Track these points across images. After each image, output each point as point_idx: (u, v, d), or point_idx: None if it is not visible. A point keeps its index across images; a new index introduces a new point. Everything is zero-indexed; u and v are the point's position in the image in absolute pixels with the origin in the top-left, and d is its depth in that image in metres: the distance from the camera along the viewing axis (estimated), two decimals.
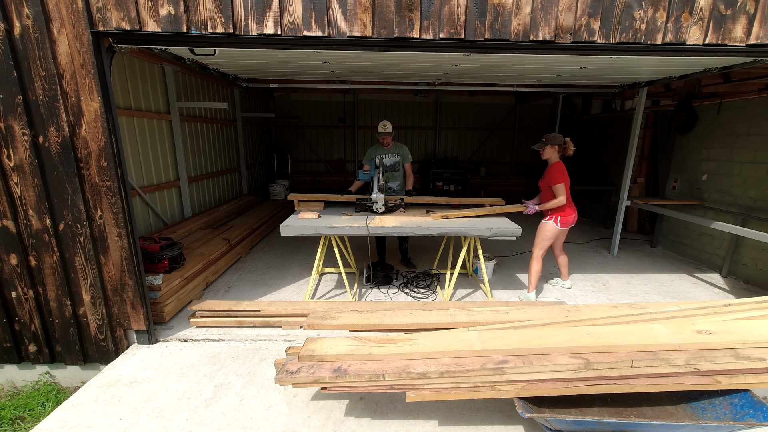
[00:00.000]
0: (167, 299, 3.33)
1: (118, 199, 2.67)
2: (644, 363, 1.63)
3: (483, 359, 1.71)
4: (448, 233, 3.46)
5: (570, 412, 1.98)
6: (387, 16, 2.46)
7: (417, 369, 1.70)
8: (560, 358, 1.68)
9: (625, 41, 2.52)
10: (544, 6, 2.45)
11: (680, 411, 1.97)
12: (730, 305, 1.97)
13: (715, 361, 1.61)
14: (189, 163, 5.46)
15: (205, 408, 2.41)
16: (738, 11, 2.50)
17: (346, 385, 1.76)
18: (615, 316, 1.99)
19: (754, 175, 4.46)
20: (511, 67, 3.89)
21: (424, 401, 2.47)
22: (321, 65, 3.90)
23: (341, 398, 2.53)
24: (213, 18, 2.40)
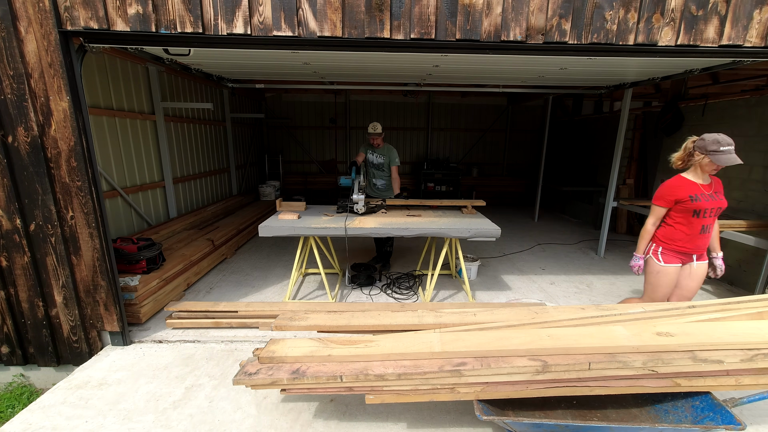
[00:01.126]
0: (143, 300, 3.31)
1: (89, 199, 2.65)
2: (602, 365, 1.62)
3: (441, 361, 1.70)
4: (427, 234, 3.45)
5: (534, 415, 1.97)
6: (357, 16, 2.45)
7: (375, 371, 1.69)
8: (519, 361, 1.66)
9: (596, 42, 2.51)
10: (515, 6, 2.45)
11: (644, 413, 1.96)
12: (694, 307, 1.96)
13: (673, 363, 1.60)
14: (175, 163, 5.45)
15: (173, 410, 2.39)
16: (709, 12, 2.49)
17: (304, 386, 1.75)
18: (580, 317, 1.98)
19: (738, 177, 4.45)
20: (492, 68, 3.88)
21: (396, 403, 2.48)
22: (302, 66, 3.89)
23: (312, 400, 2.51)
24: (182, 18, 2.39)
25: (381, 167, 4.49)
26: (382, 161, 4.45)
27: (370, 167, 4.54)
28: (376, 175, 4.55)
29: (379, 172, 4.52)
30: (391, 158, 4.44)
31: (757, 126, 4.20)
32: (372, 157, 4.46)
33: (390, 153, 4.45)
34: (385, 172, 4.52)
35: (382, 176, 4.54)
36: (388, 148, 4.46)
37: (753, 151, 4.27)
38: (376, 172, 4.53)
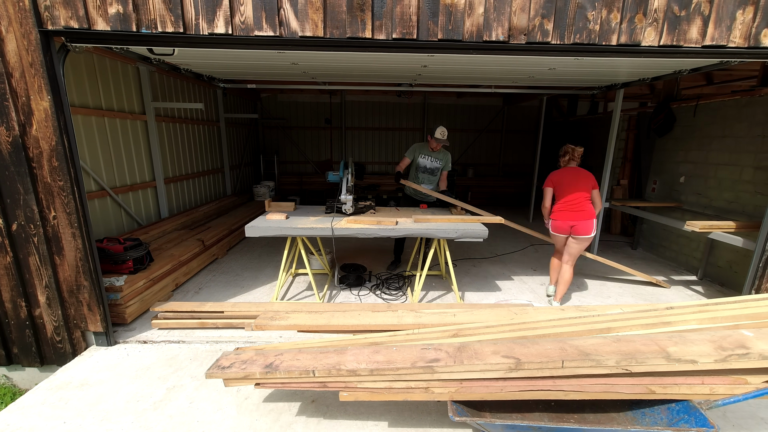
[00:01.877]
0: (129, 301, 3.30)
1: (72, 199, 2.64)
2: (575, 363, 1.61)
3: (414, 357, 1.69)
4: (413, 235, 3.44)
5: (511, 417, 1.96)
6: (339, 16, 2.44)
7: (347, 366, 1.68)
8: (492, 358, 1.65)
9: (579, 42, 2.51)
10: (497, 6, 2.44)
11: (622, 416, 1.94)
12: (672, 308, 1.95)
13: (647, 362, 1.59)
14: (167, 163, 5.44)
15: (153, 411, 2.38)
16: (692, 13, 2.49)
17: (277, 380, 1.74)
18: (559, 318, 1.97)
19: (729, 177, 4.45)
20: (481, 68, 3.87)
21: (377, 404, 2.47)
22: (290, 66, 3.89)
23: (293, 400, 2.50)
24: (163, 17, 2.39)
25: (435, 172, 4.33)
26: (438, 165, 4.29)
27: (420, 172, 4.35)
28: (427, 180, 4.36)
29: (431, 176, 4.35)
30: (446, 163, 4.30)
31: (747, 127, 4.19)
32: (425, 160, 4.27)
33: (446, 157, 4.30)
34: (435, 177, 4.37)
35: (432, 180, 4.38)
36: (444, 153, 4.31)
37: (743, 152, 4.26)
38: (428, 176, 4.35)
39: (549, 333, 1.88)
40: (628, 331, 1.83)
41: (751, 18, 2.50)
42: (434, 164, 4.28)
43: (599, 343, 1.70)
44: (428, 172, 4.32)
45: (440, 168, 4.31)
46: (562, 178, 3.67)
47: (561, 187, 3.65)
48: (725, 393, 1.67)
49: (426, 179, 4.36)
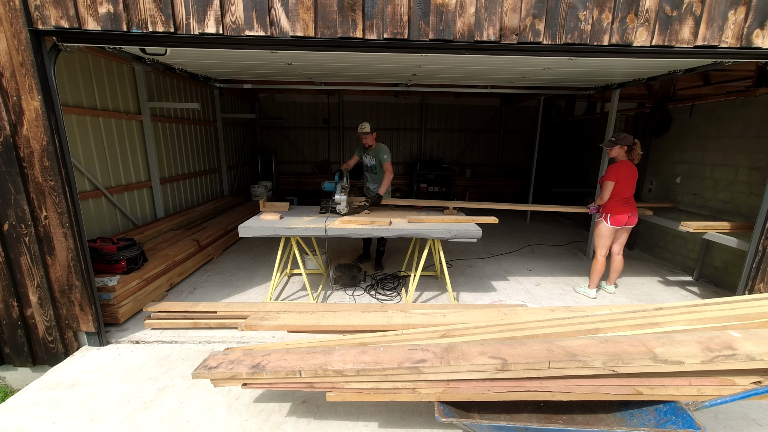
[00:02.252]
0: (122, 301, 3.30)
1: (63, 199, 2.64)
2: (562, 364, 1.60)
3: (401, 358, 1.68)
4: (407, 235, 3.44)
5: (499, 417, 1.96)
6: (330, 16, 2.44)
7: (334, 366, 1.68)
8: (478, 358, 1.65)
9: (571, 42, 2.50)
10: (488, 6, 2.44)
11: (610, 417, 1.94)
12: (661, 309, 1.95)
13: (633, 363, 1.59)
14: (162, 163, 5.44)
15: (143, 411, 2.38)
16: (684, 13, 2.48)
17: (264, 381, 1.74)
18: (548, 319, 1.96)
19: (724, 178, 4.44)
20: (475, 68, 3.87)
21: (368, 405, 2.47)
22: (284, 66, 3.88)
23: (284, 401, 2.50)
24: (153, 17, 2.38)
25: (374, 169, 4.39)
26: (374, 162, 4.36)
27: (365, 171, 4.46)
28: (370, 178, 4.44)
29: (373, 174, 4.41)
30: (380, 155, 4.32)
31: (743, 127, 4.19)
32: (366, 159, 4.37)
33: (379, 151, 4.32)
34: (377, 175, 4.40)
35: (376, 179, 4.42)
36: (378, 148, 4.34)
37: (739, 153, 4.25)
38: (370, 175, 4.43)
39: (537, 334, 1.88)
40: (617, 331, 1.83)
41: (743, 18, 2.49)
42: (371, 162, 4.37)
43: (586, 344, 1.69)
44: (369, 171, 4.44)
45: (376, 164, 4.35)
46: (625, 172, 3.69)
47: (622, 182, 3.69)
48: (712, 394, 1.66)
49: (368, 178, 4.48)
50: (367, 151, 4.36)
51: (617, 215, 3.74)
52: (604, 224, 3.81)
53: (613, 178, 3.67)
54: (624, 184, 3.70)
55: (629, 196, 3.77)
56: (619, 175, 3.68)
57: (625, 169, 3.70)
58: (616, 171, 3.68)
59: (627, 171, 3.71)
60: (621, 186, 3.70)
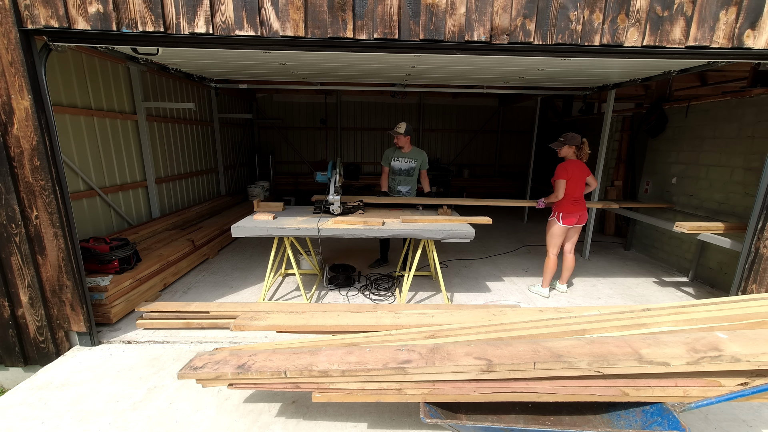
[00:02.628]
0: (114, 301, 3.29)
1: (53, 198, 2.64)
2: (547, 365, 1.60)
3: (386, 358, 1.68)
4: (400, 235, 3.43)
5: (487, 418, 1.95)
6: (320, 15, 2.44)
7: (319, 367, 1.67)
8: (464, 359, 1.64)
9: (562, 42, 2.50)
10: (479, 6, 2.43)
11: (598, 418, 1.93)
12: (649, 310, 1.94)
13: (618, 364, 1.58)
14: (158, 163, 5.44)
15: (132, 411, 2.37)
16: (675, 13, 2.48)
17: (250, 381, 1.74)
18: (536, 320, 1.96)
19: (720, 179, 4.43)
20: (469, 68, 3.87)
21: (357, 406, 2.46)
22: (278, 66, 3.88)
23: (274, 401, 2.49)
24: (143, 16, 2.38)
25: (410, 172, 4.28)
26: (413, 165, 4.25)
27: (396, 175, 4.34)
28: (403, 181, 4.32)
29: (407, 177, 4.30)
30: (422, 162, 4.24)
31: (738, 128, 4.18)
32: (399, 162, 4.26)
33: (421, 156, 4.25)
34: (413, 177, 4.31)
35: (409, 182, 4.32)
36: (418, 152, 4.26)
37: (734, 153, 4.25)
38: (404, 178, 4.31)
39: (525, 335, 1.87)
40: (604, 332, 1.82)
41: (734, 18, 2.49)
42: (409, 164, 4.27)
43: (572, 345, 1.69)
44: (404, 174, 4.31)
45: (416, 167, 4.28)
46: (574, 170, 3.75)
47: (572, 180, 3.74)
48: (699, 395, 1.65)
49: (402, 180, 4.35)
50: (400, 154, 4.25)
51: (569, 215, 3.79)
52: (556, 224, 3.85)
53: (564, 176, 3.71)
54: (574, 183, 3.76)
55: (580, 196, 3.84)
56: (568, 173, 3.72)
57: (575, 168, 3.75)
58: (565, 169, 3.73)
59: (577, 169, 3.76)
60: (571, 185, 3.74)
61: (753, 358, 1.55)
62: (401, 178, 4.33)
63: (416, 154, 4.27)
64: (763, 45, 2.53)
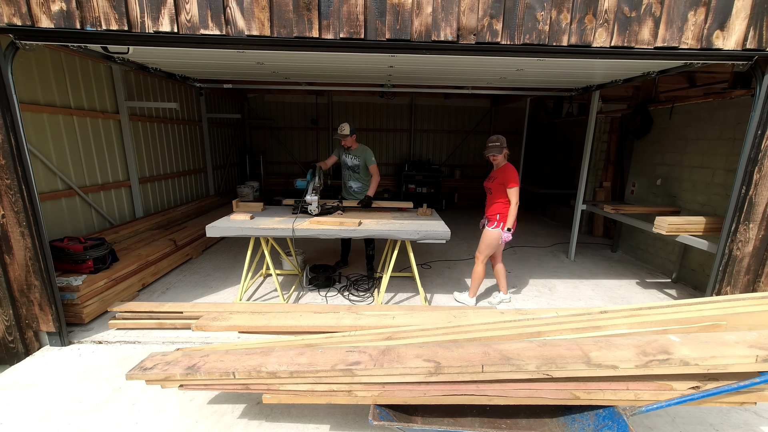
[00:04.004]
0: (87, 300, 3.28)
1: (19, 198, 2.62)
2: (495, 368, 1.58)
3: (334, 360, 1.66)
4: (376, 236, 3.42)
5: (442, 422, 1.94)
6: (285, 15, 2.42)
7: (268, 368, 1.66)
8: (412, 361, 1.63)
9: (529, 42, 2.48)
10: (445, 6, 2.42)
11: (554, 422, 1.92)
12: (606, 312, 1.92)
13: (567, 367, 1.56)
14: (143, 163, 5.43)
15: (93, 412, 2.36)
16: (643, 14, 2.46)
17: (199, 382, 1.72)
18: (494, 322, 1.94)
19: (702, 180, 4.42)
20: (449, 68, 3.85)
21: (322, 407, 2.44)
22: (257, 66, 3.87)
23: (239, 402, 2.47)
24: (107, 15, 2.37)
25: (356, 169, 4.36)
26: (357, 162, 4.33)
27: (345, 169, 4.42)
28: (351, 177, 4.42)
29: (354, 173, 4.39)
30: (367, 158, 4.30)
31: (719, 129, 4.17)
32: (346, 159, 4.35)
33: (365, 153, 4.31)
34: (360, 174, 4.39)
35: (357, 178, 4.41)
36: (362, 149, 4.33)
37: (715, 155, 4.23)
38: (351, 174, 4.40)
39: (480, 337, 1.86)
40: (559, 335, 1.81)
41: (702, 19, 2.47)
42: (354, 161, 4.34)
43: (524, 348, 1.67)
44: (350, 170, 4.41)
45: (360, 164, 4.33)
46: None
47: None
48: (650, 399, 1.64)
49: (350, 176, 4.45)
50: (348, 151, 4.34)
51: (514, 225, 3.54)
52: (500, 232, 3.55)
53: (518, 181, 3.44)
54: None
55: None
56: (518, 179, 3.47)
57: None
58: (516, 173, 3.48)
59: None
60: None
61: (702, 361, 1.54)
62: (349, 173, 4.44)
63: (360, 151, 4.33)
64: (733, 46, 2.51)
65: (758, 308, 1.77)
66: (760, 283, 3.00)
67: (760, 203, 2.82)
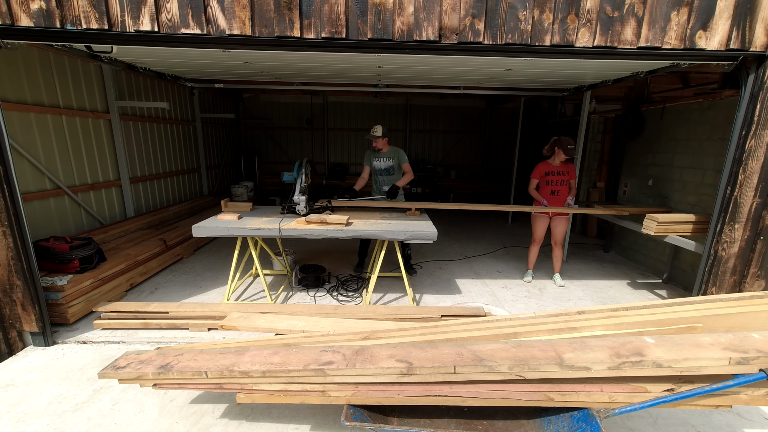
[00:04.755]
0: (72, 300, 3.27)
1: (0, 197, 2.61)
2: (467, 369, 1.57)
3: (307, 359, 1.66)
4: (362, 236, 3.41)
5: (419, 422, 1.93)
6: (267, 14, 2.41)
7: (240, 367, 1.65)
8: (385, 362, 1.62)
9: (512, 42, 2.47)
10: (427, 6, 2.41)
11: (531, 423, 1.91)
12: (583, 313, 1.92)
13: (539, 369, 1.55)
14: (134, 163, 5.42)
15: (72, 413, 2.35)
16: (626, 14, 2.46)
17: (172, 381, 1.72)
18: (471, 323, 1.93)
19: (692, 181, 4.41)
20: (438, 68, 3.85)
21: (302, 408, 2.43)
22: (245, 65, 3.86)
23: (220, 402, 2.46)
24: (87, 14, 2.36)
25: (390, 171, 4.32)
26: (391, 164, 4.29)
27: (378, 175, 4.37)
28: (386, 181, 4.36)
29: (389, 176, 4.34)
30: (401, 158, 4.27)
31: (709, 130, 4.16)
32: (378, 163, 4.30)
33: (398, 154, 4.29)
34: (395, 176, 4.34)
35: (391, 181, 4.35)
36: (394, 150, 4.30)
37: (705, 155, 4.22)
38: (386, 178, 4.35)
39: (457, 337, 1.85)
40: (535, 336, 1.80)
41: (685, 19, 2.47)
42: (387, 164, 4.31)
43: (497, 349, 1.66)
44: (384, 173, 4.35)
45: (394, 166, 4.31)
46: None
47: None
48: (624, 401, 1.63)
49: (384, 180, 4.38)
50: (379, 154, 4.28)
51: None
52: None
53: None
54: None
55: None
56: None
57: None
58: None
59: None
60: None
61: (675, 363, 1.53)
62: (383, 178, 4.38)
63: (392, 153, 4.31)
64: (716, 46, 2.51)
65: (735, 310, 1.77)
66: (746, 284, 2.99)
67: (745, 204, 2.81)
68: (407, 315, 3.14)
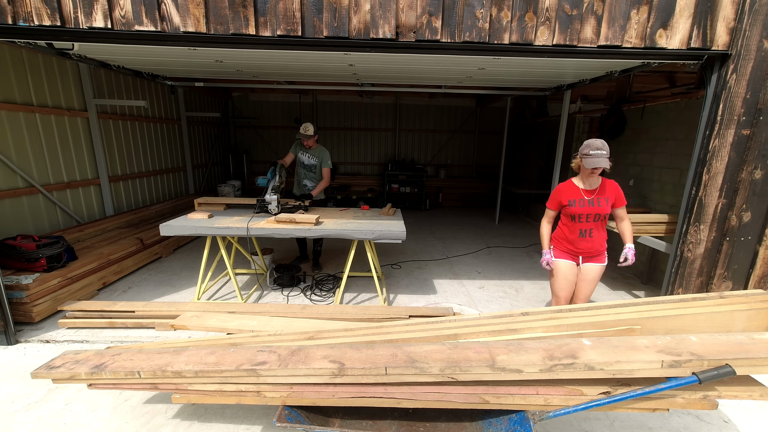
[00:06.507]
0: (37, 299, 3.25)
1: None
2: (399, 370, 1.55)
3: (242, 360, 1.64)
4: (331, 236, 3.39)
5: (361, 424, 1.91)
6: (221, 11, 2.39)
7: (173, 367, 1.63)
8: (317, 362, 1.60)
9: (470, 40, 2.45)
10: (383, 4, 2.39)
11: (473, 425, 1.89)
12: (527, 314, 1.89)
13: (471, 371, 1.53)
14: (115, 161, 5.41)
15: (24, 413, 2.33)
16: (585, 12, 2.43)
17: (107, 381, 1.70)
18: (414, 323, 1.91)
19: (670, 181, 4.38)
20: (413, 67, 3.81)
21: (256, 408, 2.42)
22: (216, 63, 3.84)
23: (173, 402, 2.44)
24: (38, 10, 2.34)
25: (312, 168, 4.44)
26: (315, 162, 4.40)
27: (301, 168, 4.48)
28: (307, 176, 4.49)
29: (310, 173, 4.47)
30: (323, 160, 4.38)
31: (686, 130, 4.13)
32: (303, 157, 4.41)
33: (322, 154, 4.39)
34: (316, 174, 4.46)
35: (313, 178, 4.49)
36: (320, 150, 4.41)
37: (683, 156, 4.19)
38: (307, 173, 4.47)
39: (398, 338, 1.83)
40: (476, 337, 1.78)
41: (645, 18, 2.44)
42: (311, 161, 4.39)
43: (433, 350, 1.64)
44: (306, 168, 4.45)
45: (316, 165, 4.39)
46: None
47: None
48: (560, 404, 1.60)
49: (305, 175, 4.49)
50: (307, 151, 4.36)
51: None
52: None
53: None
54: None
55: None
56: None
57: None
58: None
59: None
60: None
61: (607, 366, 1.50)
62: (304, 172, 4.48)
63: (318, 152, 4.40)
64: (677, 45, 2.48)
65: (674, 312, 1.74)
66: (713, 285, 2.97)
67: (710, 204, 2.79)
68: (374, 315, 3.12)
